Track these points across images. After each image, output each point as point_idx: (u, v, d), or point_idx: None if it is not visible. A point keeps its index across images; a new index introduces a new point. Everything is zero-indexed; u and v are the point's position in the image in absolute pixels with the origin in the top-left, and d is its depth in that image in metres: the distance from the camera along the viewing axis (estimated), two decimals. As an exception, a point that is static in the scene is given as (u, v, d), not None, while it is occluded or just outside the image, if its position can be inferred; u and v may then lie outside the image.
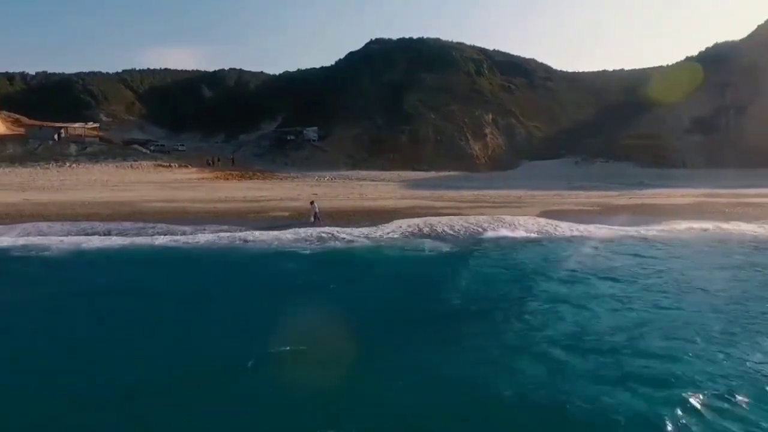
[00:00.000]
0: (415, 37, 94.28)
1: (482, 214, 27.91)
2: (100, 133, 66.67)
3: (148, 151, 60.70)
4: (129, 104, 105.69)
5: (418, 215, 26.83)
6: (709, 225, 24.00)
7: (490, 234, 22.53)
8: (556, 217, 26.81)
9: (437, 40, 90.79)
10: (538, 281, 14.47)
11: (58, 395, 7.66)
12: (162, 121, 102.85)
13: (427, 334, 10.50)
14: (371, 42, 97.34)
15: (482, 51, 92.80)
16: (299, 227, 22.62)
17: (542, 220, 25.64)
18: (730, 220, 25.89)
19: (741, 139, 58.48)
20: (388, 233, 22.01)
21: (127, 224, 22.99)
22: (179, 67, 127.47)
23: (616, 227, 23.71)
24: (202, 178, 48.53)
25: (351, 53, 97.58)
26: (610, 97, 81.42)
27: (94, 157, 53.02)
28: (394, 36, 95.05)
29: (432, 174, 54.69)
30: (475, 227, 23.61)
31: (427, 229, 22.99)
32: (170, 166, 54.25)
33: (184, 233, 21.33)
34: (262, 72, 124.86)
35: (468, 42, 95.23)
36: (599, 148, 64.25)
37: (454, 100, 71.42)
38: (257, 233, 21.23)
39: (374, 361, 8.94)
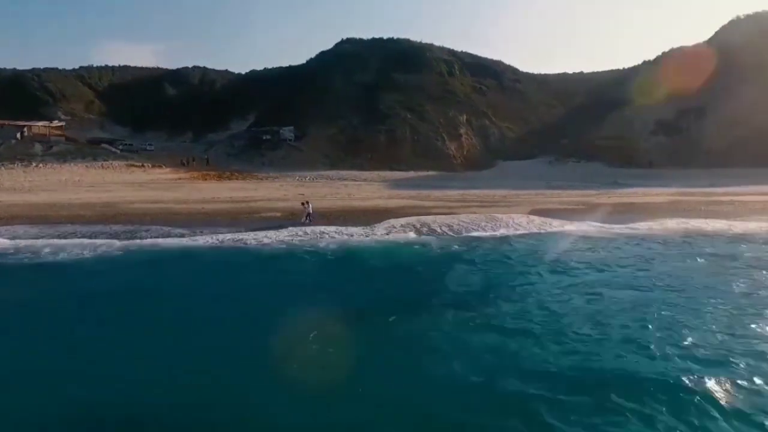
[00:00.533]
0: (385, 37, 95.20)
1: (474, 213, 28.32)
2: (65, 133, 63.65)
3: (118, 151, 58.44)
4: (88, 102, 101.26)
5: (412, 214, 26.88)
6: (697, 222, 25.07)
7: (489, 232, 22.83)
8: (545, 215, 27.47)
9: (407, 40, 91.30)
10: (565, 276, 14.74)
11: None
12: (124, 119, 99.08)
13: (463, 329, 10.47)
14: (343, 42, 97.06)
15: (452, 52, 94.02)
16: (292, 226, 22.32)
17: (536, 218, 26.19)
18: (709, 217, 27.13)
19: (702, 141, 61.44)
20: (392, 232, 21.97)
21: (116, 227, 21.97)
22: (139, 64, 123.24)
23: (608, 225, 24.39)
24: (179, 179, 47.13)
25: (322, 53, 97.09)
26: (577, 98, 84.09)
27: (62, 157, 50.53)
28: (364, 36, 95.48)
29: (412, 174, 54.97)
30: (473, 225, 23.89)
31: (426, 228, 23.06)
32: (143, 166, 52.39)
33: (182, 235, 20.68)
34: (227, 70, 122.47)
35: (436, 43, 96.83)
36: (570, 148, 66.23)
37: (429, 101, 72.06)
38: (261, 234, 20.81)
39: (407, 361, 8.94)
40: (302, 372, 8.11)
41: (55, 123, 66.02)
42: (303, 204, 25.75)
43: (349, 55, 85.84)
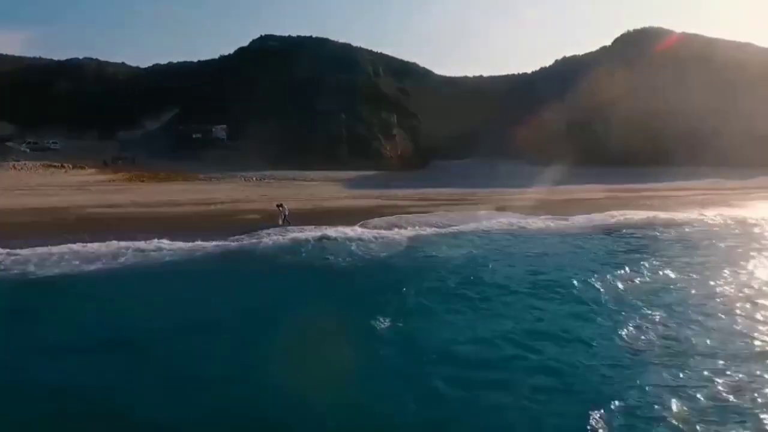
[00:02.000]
0: (298, 35, 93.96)
1: (449, 211, 29.63)
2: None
3: (28, 150, 51.97)
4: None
5: (394, 213, 27.43)
6: (649, 213, 28.56)
7: (472, 226, 23.89)
8: (513, 212, 29.05)
9: (331, 40, 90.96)
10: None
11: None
12: (10, 115, 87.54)
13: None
14: (264, 38, 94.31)
15: (371, 53, 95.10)
16: (274, 228, 21.73)
17: (512, 216, 27.81)
18: (651, 209, 30.86)
19: (608, 140, 68.69)
20: (404, 231, 22.32)
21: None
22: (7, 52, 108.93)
23: (584, 218, 26.74)
24: (112, 180, 43.36)
25: (242, 49, 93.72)
26: (495, 100, 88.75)
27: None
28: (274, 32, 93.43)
29: (353, 174, 55.11)
30: (459, 222, 24.88)
31: (431, 225, 23.81)
32: (63, 166, 47.25)
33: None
34: (123, 63, 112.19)
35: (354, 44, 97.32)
36: (496, 148, 70.42)
37: (362, 102, 72.74)
38: (269, 239, 19.96)
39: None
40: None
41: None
42: (278, 206, 25.21)
43: (275, 53, 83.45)
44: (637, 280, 14.11)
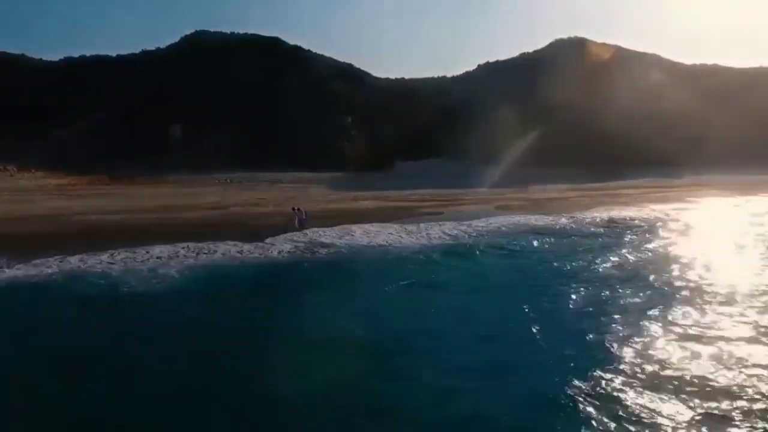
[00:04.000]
0: (246, 32, 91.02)
1: (458, 211, 30.38)
2: None
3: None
4: None
5: (413, 214, 27.55)
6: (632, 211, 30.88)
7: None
8: (510, 210, 29.91)
9: (278, 39, 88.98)
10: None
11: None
12: None
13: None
14: (199, 33, 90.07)
15: (322, 56, 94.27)
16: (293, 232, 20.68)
17: (523, 214, 28.89)
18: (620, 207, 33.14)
19: (554, 142, 73.35)
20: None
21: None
22: None
23: (587, 216, 28.41)
24: (73, 184, 39.60)
25: (175, 44, 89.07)
26: (441, 101, 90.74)
27: None
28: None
29: (326, 175, 54.37)
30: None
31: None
32: (7, 170, 42.22)
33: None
34: (23, 54, 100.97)
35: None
36: (452, 149, 72.48)
37: (319, 102, 71.73)
38: (340, 240, 19.40)
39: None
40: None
41: None
42: (294, 209, 24.72)
43: (217, 50, 80.00)
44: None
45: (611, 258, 16.74)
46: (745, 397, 6.82)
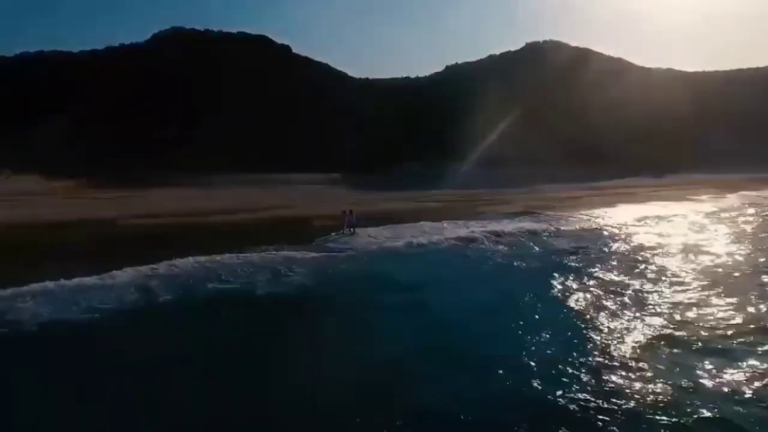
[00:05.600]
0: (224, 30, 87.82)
1: (497, 210, 29.70)
2: None
3: None
4: None
5: (454, 217, 26.43)
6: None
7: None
8: (544, 210, 29.84)
9: (266, 37, 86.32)
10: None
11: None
12: None
13: None
14: (172, 30, 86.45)
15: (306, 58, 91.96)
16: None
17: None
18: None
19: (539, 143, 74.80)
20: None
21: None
22: None
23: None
24: (75, 187, 36.72)
25: (161, 39, 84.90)
26: (416, 101, 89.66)
27: None
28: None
29: (335, 176, 52.79)
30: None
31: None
32: (2, 173, 38.69)
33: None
34: None
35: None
36: (443, 151, 72.30)
37: (312, 104, 70.02)
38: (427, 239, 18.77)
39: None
40: None
41: None
42: (344, 212, 23.80)
43: (194, 50, 75.94)
44: None
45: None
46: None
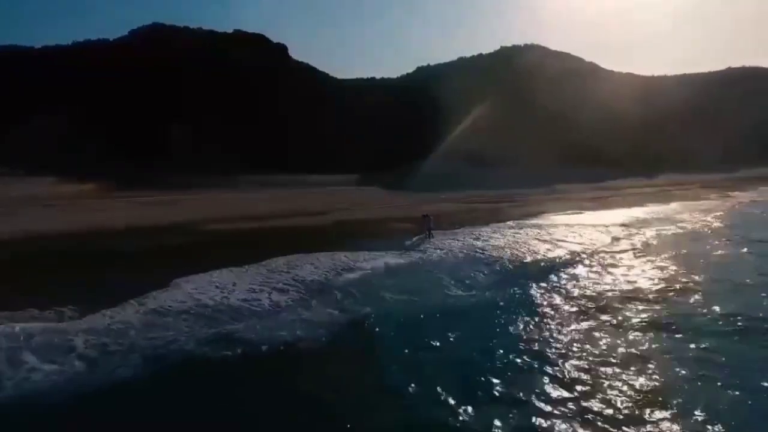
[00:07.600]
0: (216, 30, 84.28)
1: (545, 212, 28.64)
2: None
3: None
4: None
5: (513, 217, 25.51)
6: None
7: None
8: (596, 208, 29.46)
9: (263, 36, 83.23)
10: None
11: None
12: None
13: None
14: (167, 27, 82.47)
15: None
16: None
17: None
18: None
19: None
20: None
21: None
22: None
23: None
24: (101, 190, 33.75)
25: (154, 36, 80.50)
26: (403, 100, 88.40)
27: None
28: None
29: (353, 177, 51.16)
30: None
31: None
32: (16, 174, 35.12)
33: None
34: None
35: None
36: (446, 151, 71.80)
37: (317, 107, 68.08)
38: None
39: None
40: None
41: None
42: (424, 216, 22.79)
43: (197, 49, 72.60)
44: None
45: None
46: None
